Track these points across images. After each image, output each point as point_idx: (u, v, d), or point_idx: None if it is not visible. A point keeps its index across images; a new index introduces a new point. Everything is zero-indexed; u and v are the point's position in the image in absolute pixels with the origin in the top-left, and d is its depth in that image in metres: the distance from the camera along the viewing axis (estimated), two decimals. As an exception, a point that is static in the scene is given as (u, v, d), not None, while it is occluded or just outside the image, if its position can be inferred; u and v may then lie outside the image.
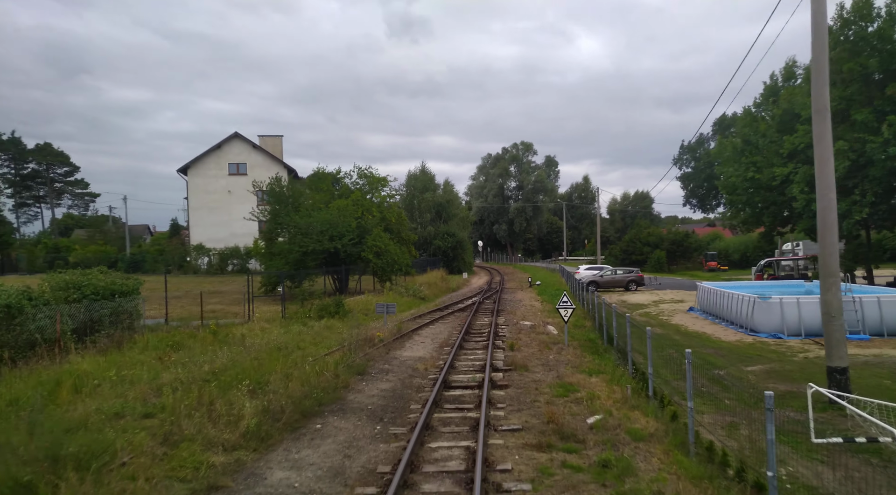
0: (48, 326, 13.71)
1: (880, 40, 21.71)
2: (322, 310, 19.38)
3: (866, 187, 21.68)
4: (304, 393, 9.30)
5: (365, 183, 34.51)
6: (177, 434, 7.37)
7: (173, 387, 9.25)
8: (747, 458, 7.11)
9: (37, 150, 67.86)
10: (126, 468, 6.03)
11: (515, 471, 6.77)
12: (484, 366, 11.99)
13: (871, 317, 17.35)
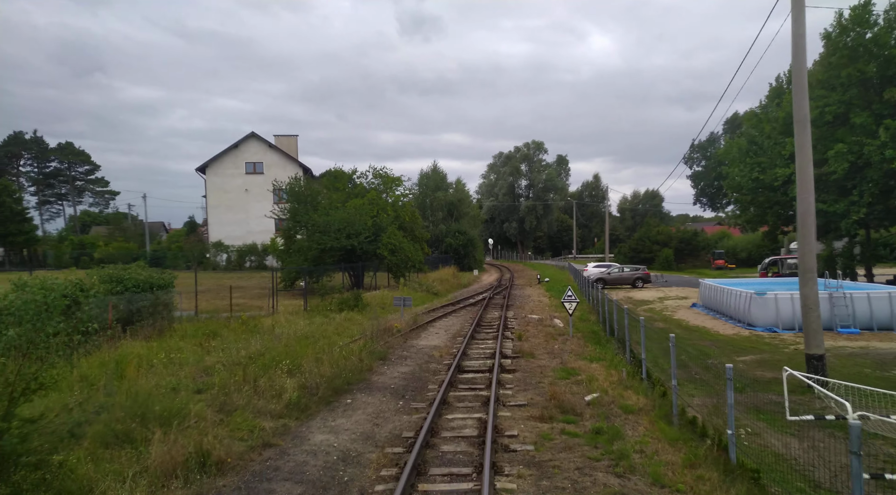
0: (100, 315, 15.12)
1: (878, 47, 22.51)
2: (342, 304, 20.67)
3: (864, 188, 22.52)
4: (334, 374, 10.55)
5: (380, 182, 35.78)
6: (229, 405, 8.64)
7: (218, 368, 10.54)
8: (722, 427, 8.22)
9: (59, 149, 70.07)
10: (196, 427, 7.30)
11: (521, 437, 7.96)
12: (494, 354, 13.18)
13: (861, 312, 18.29)
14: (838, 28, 24.04)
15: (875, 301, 18.32)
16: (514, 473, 6.66)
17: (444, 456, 7.26)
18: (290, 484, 6.42)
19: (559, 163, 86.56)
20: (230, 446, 7.08)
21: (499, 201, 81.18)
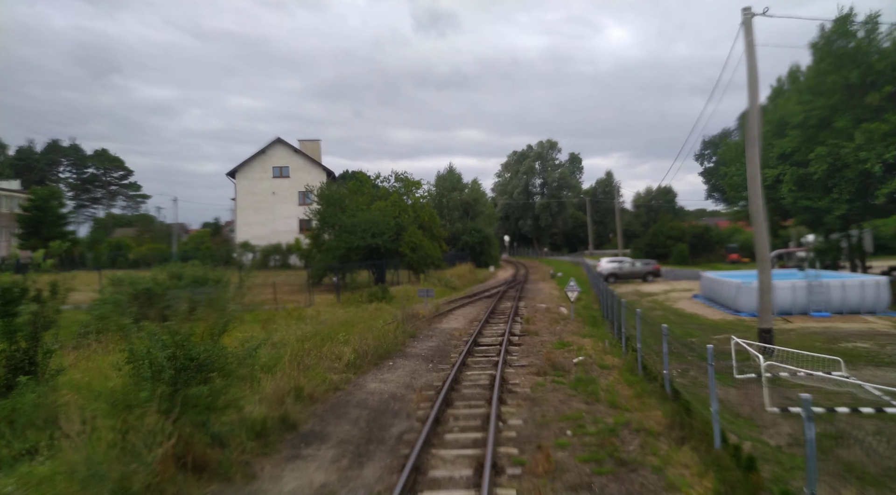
0: (172, 304, 18.38)
1: (860, 55, 24.83)
2: (371, 296, 23.74)
3: (843, 187, 24.90)
4: (377, 346, 13.60)
5: (401, 185, 38.84)
6: (304, 364, 11.68)
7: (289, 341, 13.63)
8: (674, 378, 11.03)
9: (95, 156, 74.64)
10: (288, 374, 10.35)
11: (521, 384, 10.90)
12: (504, 333, 16.11)
13: (835, 298, 20.82)
14: (823, 39, 26.38)
15: (848, 288, 20.84)
16: (514, 403, 9.62)
17: (464, 395, 10.23)
18: (359, 410, 9.45)
19: (572, 162, 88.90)
20: (313, 387, 10.14)
21: (513, 199, 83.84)
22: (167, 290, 18.89)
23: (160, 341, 6.40)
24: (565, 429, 8.16)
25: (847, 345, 15.65)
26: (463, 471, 6.75)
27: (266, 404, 8.65)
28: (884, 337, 16.79)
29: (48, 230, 52.29)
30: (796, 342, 15.79)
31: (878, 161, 23.47)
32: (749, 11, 14.22)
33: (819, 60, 26.75)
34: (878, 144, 23.52)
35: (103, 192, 78.55)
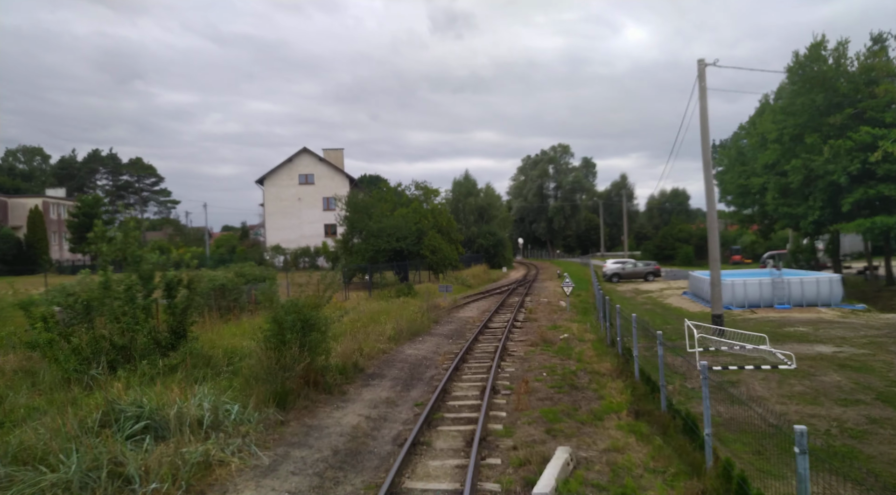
0: (238, 297, 22.80)
1: (826, 80, 28.44)
2: (399, 292, 27.97)
3: (816, 195, 28.52)
4: (409, 327, 17.81)
5: (421, 193, 43.09)
6: (358, 337, 15.94)
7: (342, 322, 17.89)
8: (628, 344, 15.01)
9: (130, 164, 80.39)
10: (352, 340, 14.57)
11: (517, 351, 15.02)
12: (510, 320, 20.21)
13: (795, 292, 24.53)
14: (797, 64, 30.03)
15: (805, 284, 24.53)
16: (510, 361, 13.74)
17: (476, 356, 14.39)
18: (402, 363, 13.66)
19: (586, 166, 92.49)
20: (369, 350, 14.38)
21: (528, 202, 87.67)
22: (237, 286, 23.37)
23: (291, 310, 10.65)
24: (542, 373, 12.29)
25: (789, 329, 19.48)
26: (473, 392, 10.90)
27: (341, 357, 12.88)
28: (824, 323, 20.55)
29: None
30: (752, 327, 19.64)
31: (843, 173, 27.09)
32: (703, 62, 18.14)
33: (791, 83, 30.41)
34: (844, 158, 27.12)
35: (136, 198, 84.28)
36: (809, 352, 15.35)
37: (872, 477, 7.03)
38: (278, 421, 8.70)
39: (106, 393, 7.78)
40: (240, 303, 22.59)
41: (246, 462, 7.14)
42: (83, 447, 5.95)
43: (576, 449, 7.52)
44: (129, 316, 11.83)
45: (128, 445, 6.34)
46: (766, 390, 11.77)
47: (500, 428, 8.62)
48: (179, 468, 6.25)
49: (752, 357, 14.90)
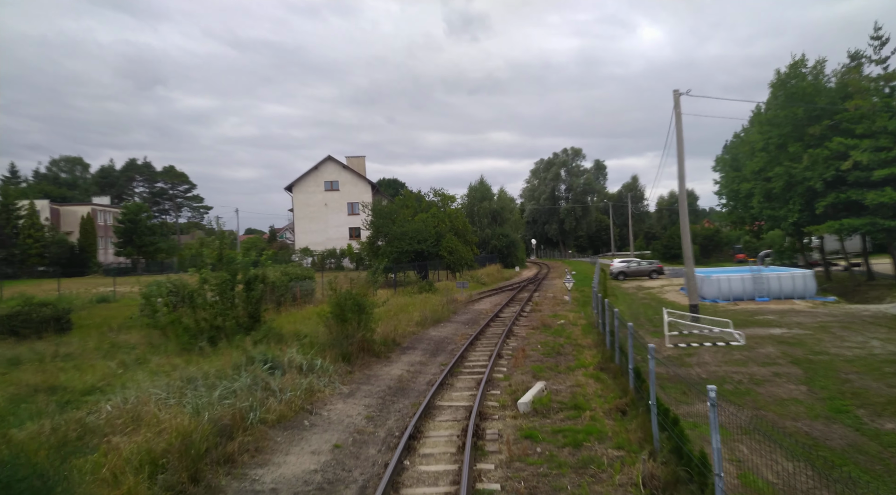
0: (285, 292, 26.76)
1: (806, 94, 31.53)
2: (421, 288, 31.71)
3: (795, 199, 31.63)
4: (431, 316, 21.54)
5: (439, 199, 46.84)
6: (391, 322, 19.72)
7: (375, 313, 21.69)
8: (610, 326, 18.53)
9: (164, 172, 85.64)
10: (386, 324, 18.34)
11: (521, 333, 18.67)
12: (518, 311, 23.82)
13: (773, 287, 27.73)
14: (778, 81, 33.15)
15: (783, 280, 27.72)
16: (513, 340, 17.41)
17: (487, 336, 18.07)
18: (428, 341, 17.40)
19: (597, 168, 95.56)
20: (402, 330, 18.14)
21: (540, 204, 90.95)
22: (284, 283, 27.34)
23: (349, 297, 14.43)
24: (538, 345, 15.94)
25: (759, 317, 22.78)
26: (483, 358, 14.58)
27: (381, 335, 16.64)
28: (792, 312, 23.78)
29: (139, 239, 62.40)
30: (729, 315, 22.87)
31: (819, 179, 30.19)
32: (677, 92, 21.57)
33: (774, 98, 33.53)
34: (821, 166, 30.22)
35: (170, 204, 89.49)
36: (763, 333, 18.73)
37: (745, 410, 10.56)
38: (347, 371, 12.49)
39: (245, 347, 11.64)
40: (287, 298, 26.57)
41: (333, 391, 10.93)
42: (245, 372, 9.77)
43: (550, 384, 11.18)
44: (222, 303, 15.74)
45: (267, 373, 10.15)
46: (712, 358, 15.25)
47: (501, 376, 12.30)
48: (297, 388, 10.03)
49: (713, 337, 18.33)
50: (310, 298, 29.79)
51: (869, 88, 29.96)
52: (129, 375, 11.33)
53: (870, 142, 28.37)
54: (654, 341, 17.90)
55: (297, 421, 9.25)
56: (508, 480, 7.03)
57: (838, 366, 13.70)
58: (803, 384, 12.24)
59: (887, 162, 27.89)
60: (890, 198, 27.50)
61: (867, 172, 28.42)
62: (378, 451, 8.17)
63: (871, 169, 28.22)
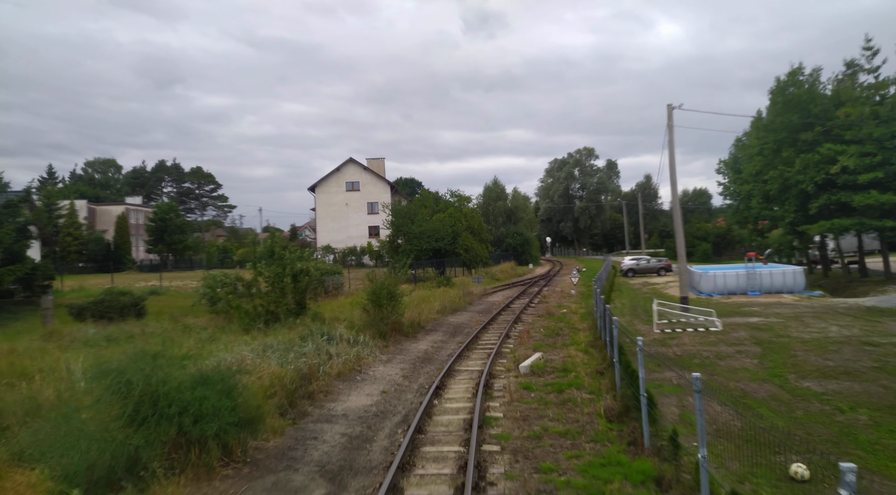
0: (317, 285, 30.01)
1: (801, 102, 33.90)
2: (439, 283, 34.78)
3: (790, 201, 34.05)
4: (450, 306, 24.60)
5: (456, 200, 49.85)
6: (417, 309, 22.82)
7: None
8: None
9: (192, 173, 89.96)
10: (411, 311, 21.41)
11: (528, 320, 21.65)
12: (528, 302, 26.76)
13: (765, 282, 30.28)
14: (777, 88, 35.54)
15: (774, 275, 30.26)
16: (520, 325, 20.40)
17: (497, 323, 21.08)
18: (447, 326, 20.48)
19: (609, 168, 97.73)
20: (425, 316, 21.23)
21: (554, 203, 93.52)
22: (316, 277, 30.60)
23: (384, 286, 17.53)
24: (540, 329, 18.92)
25: (745, 309, 25.41)
26: (494, 338, 17.59)
27: (408, 320, 19.72)
28: (777, 305, 26.36)
29: (170, 237, 66.36)
30: (720, 307, 25.64)
31: (811, 182, 32.61)
32: (671, 106, 24.27)
33: (772, 105, 35.94)
34: (812, 170, 32.63)
35: (196, 203, 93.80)
36: (741, 322, 21.43)
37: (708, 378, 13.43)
38: (383, 345, 15.61)
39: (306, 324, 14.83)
40: (320, 290, 29.85)
41: (374, 358, 14.04)
42: (310, 341, 12.92)
43: (547, 355, 14.16)
44: (274, 293, 18.94)
45: (325, 343, 13.29)
46: (690, 341, 18.05)
47: (508, 350, 15.32)
48: (348, 354, 13.15)
49: (696, 324, 21.09)
50: (339, 291, 33.07)
51: (860, 97, 32.25)
52: (211, 347, 14.53)
53: (857, 148, 30.74)
54: (646, 328, 20.75)
55: (352, 376, 12.37)
56: (508, 411, 10.03)
57: (793, 345, 16.44)
58: (757, 359, 15.02)
59: (872, 166, 30.27)
60: (875, 199, 29.88)
61: (854, 176, 30.79)
62: (413, 396, 11.24)
63: (858, 173, 30.60)
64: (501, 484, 6.88)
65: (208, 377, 7.32)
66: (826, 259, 39.92)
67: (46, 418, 6.74)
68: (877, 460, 7.98)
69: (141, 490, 6.19)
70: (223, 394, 7.18)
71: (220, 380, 7.36)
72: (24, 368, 10.68)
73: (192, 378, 7.16)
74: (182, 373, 7.17)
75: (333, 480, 7.12)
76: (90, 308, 20.26)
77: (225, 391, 7.26)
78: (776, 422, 9.80)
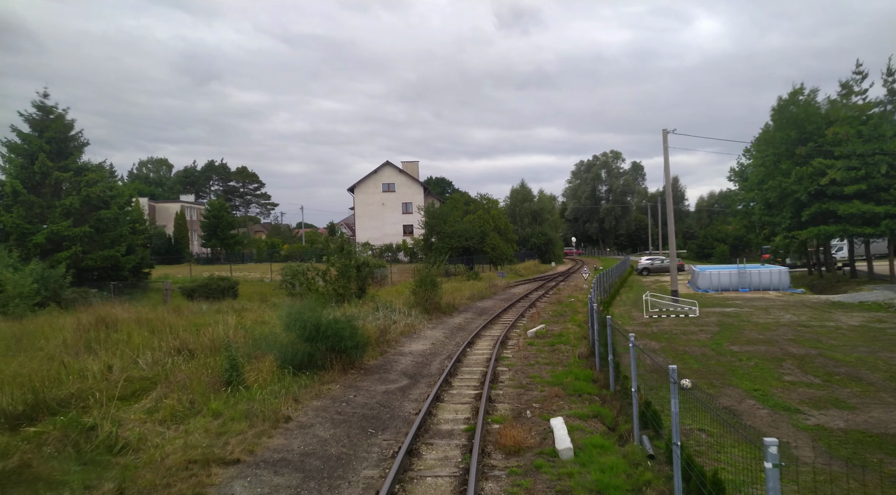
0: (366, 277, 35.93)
1: (798, 120, 38.28)
2: (468, 277, 40.40)
3: (786, 209, 38.49)
4: (478, 294, 30.22)
5: (486, 202, 55.38)
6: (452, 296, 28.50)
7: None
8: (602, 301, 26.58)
9: (237, 172, 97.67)
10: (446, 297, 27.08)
11: (542, 305, 27.12)
12: (544, 293, 32.13)
13: (755, 280, 34.94)
14: (778, 106, 39.94)
15: (762, 274, 34.89)
16: (534, 309, 25.91)
17: (516, 307, 26.60)
18: (476, 308, 26.13)
19: (635, 170, 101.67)
20: (458, 300, 26.90)
21: (581, 203, 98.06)
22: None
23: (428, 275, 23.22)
24: (549, 311, 24.38)
25: (728, 302, 30.28)
26: (513, 317, 23.14)
27: (445, 302, 25.37)
28: (760, 300, 31.10)
29: (222, 232, 73.56)
30: (709, 300, 30.62)
31: (805, 192, 37.03)
32: (665, 130, 29.26)
33: (774, 120, 40.35)
34: (806, 181, 37.04)
35: (240, 201, 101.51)
36: (718, 311, 26.42)
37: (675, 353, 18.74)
38: (428, 318, 21.34)
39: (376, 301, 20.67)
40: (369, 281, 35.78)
41: (423, 326, 19.78)
42: (380, 312, 18.70)
43: (549, 327, 19.64)
44: (344, 280, 24.80)
45: (389, 313, 19.05)
46: (669, 324, 23.21)
47: (521, 325, 20.86)
48: (405, 322, 18.88)
49: (680, 311, 26.18)
50: (384, 281, 39.01)
51: (847, 117, 36.49)
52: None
53: (844, 162, 35.07)
54: (640, 315, 25.93)
55: (410, 335, 18.11)
56: (515, 354, 15.57)
57: (745, 327, 21.48)
58: (710, 334, 20.16)
59: (857, 179, 34.58)
60: (857, 209, 34.21)
61: (841, 187, 35.13)
62: (453, 346, 16.88)
63: (844, 185, 34.93)
64: (507, 380, 12.47)
65: (339, 320, 13.06)
66: (819, 261, 44.05)
67: (260, 339, 12.62)
68: (738, 380, 13.21)
69: (315, 372, 11.98)
70: (348, 329, 12.91)
71: (346, 322, 13.09)
72: (202, 322, 16.70)
73: (331, 320, 12.90)
74: (326, 317, 12.91)
75: (411, 378, 12.81)
76: (198, 290, 26.49)
77: (349, 328, 12.99)
78: (694, 366, 15.05)
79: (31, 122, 28.71)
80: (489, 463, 7.73)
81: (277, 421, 9.13)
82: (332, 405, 10.42)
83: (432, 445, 8.48)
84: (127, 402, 10.01)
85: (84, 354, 12.93)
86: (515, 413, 9.97)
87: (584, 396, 11.08)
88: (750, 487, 6.65)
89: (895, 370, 13.44)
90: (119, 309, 18.11)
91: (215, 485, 6.89)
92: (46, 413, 8.93)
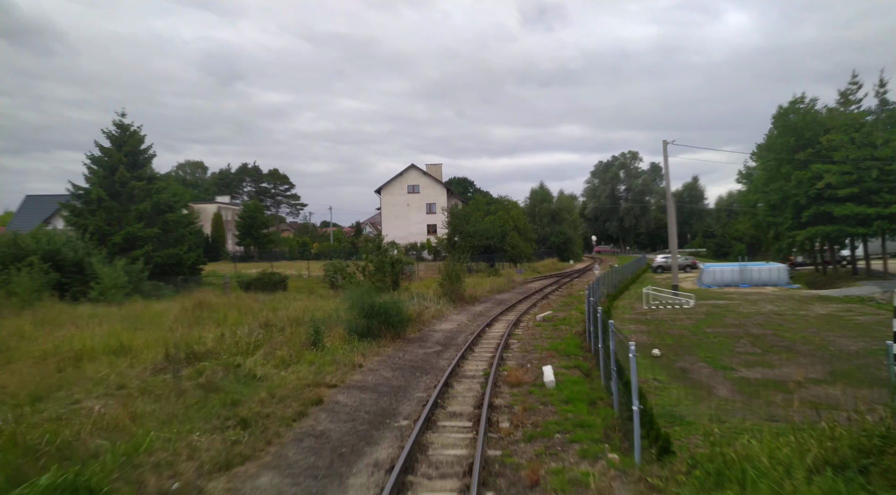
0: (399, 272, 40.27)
1: (797, 127, 41.45)
2: (489, 273, 44.47)
3: (787, 210, 41.69)
4: (497, 288, 34.32)
5: (507, 203, 59.34)
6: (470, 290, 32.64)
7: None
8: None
9: (269, 174, 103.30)
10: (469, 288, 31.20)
11: (554, 297, 31.12)
12: (556, 288, 36.05)
13: (755, 276, 38.32)
14: (779, 114, 43.11)
15: (762, 271, 38.23)
16: (546, 300, 29.90)
17: (531, 298, 30.65)
18: (495, 299, 30.26)
19: (653, 170, 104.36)
20: (480, 293, 31.04)
21: (601, 203, 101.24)
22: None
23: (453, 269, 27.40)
24: (558, 301, 28.39)
25: (724, 296, 33.84)
26: (527, 306, 27.19)
27: (468, 294, 29.50)
28: (755, 294, 34.55)
29: (256, 232, 78.80)
30: (708, 295, 34.19)
31: (803, 195, 40.22)
32: (665, 142, 32.89)
33: (775, 128, 43.53)
34: (805, 185, 40.23)
35: (272, 201, 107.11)
36: (711, 303, 30.05)
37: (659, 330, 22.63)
38: (454, 306, 25.56)
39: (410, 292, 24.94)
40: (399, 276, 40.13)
41: (450, 312, 23.99)
42: (415, 299, 22.95)
43: (556, 314, 23.66)
44: (380, 274, 29.11)
45: (421, 300, 23.29)
46: (664, 313, 26.98)
47: (533, 312, 24.90)
48: (435, 307, 23.10)
49: (677, 303, 29.87)
50: (412, 277, 43.35)
51: (842, 125, 39.57)
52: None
53: (839, 168, 38.19)
54: (640, 306, 29.72)
55: (439, 318, 22.32)
56: (524, 332, 19.65)
57: (728, 315, 25.15)
58: (695, 321, 23.88)
59: (850, 183, 37.71)
60: (851, 211, 37.35)
61: (836, 191, 38.27)
62: (475, 327, 21.03)
63: (839, 188, 38.08)
64: (516, 348, 16.61)
65: (387, 302, 17.29)
66: (825, 260, 46.98)
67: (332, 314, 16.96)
68: (699, 351, 17.05)
69: (372, 339, 16.28)
70: (395, 309, 17.14)
71: (393, 304, 17.33)
72: (274, 306, 21.13)
73: (382, 302, 17.14)
74: (380, 300, 17.15)
75: (443, 346, 17.03)
76: (253, 283, 31.06)
77: (395, 308, 17.22)
78: (668, 342, 18.91)
79: (112, 138, 33.60)
80: (498, 391, 11.85)
81: (354, 366, 13.40)
82: (388, 360, 14.67)
83: (461, 381, 12.65)
84: (244, 357, 14.37)
85: (196, 328, 17.39)
86: (519, 365, 14.08)
87: (571, 356, 15.12)
88: (653, 395, 10.69)
89: (824, 344, 17.15)
90: (211, 295, 22.64)
91: (325, 396, 11.15)
92: (196, 360, 13.29)
